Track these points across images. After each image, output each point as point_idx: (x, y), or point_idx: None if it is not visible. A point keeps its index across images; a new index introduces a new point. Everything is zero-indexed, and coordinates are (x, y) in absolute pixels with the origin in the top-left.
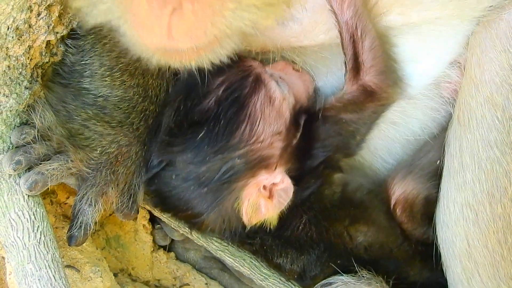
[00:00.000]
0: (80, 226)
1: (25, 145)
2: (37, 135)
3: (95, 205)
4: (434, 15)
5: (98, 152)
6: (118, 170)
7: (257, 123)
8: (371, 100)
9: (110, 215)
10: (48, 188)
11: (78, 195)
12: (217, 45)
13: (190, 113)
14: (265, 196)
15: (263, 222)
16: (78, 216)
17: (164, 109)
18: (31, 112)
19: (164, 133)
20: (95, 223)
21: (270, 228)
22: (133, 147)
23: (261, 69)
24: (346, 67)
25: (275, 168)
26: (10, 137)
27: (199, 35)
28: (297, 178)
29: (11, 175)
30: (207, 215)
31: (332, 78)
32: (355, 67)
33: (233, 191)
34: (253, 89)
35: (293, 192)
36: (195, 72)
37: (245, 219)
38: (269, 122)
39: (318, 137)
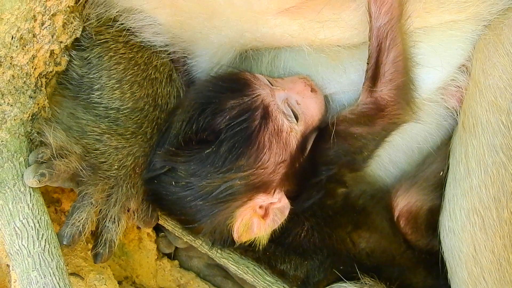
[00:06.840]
0: (105, 243)
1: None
2: (54, 153)
3: (118, 223)
4: (451, 18)
5: (115, 167)
6: (137, 183)
7: (263, 153)
8: (382, 116)
9: None
10: (52, 197)
11: (101, 214)
12: None
13: (201, 131)
14: (260, 215)
15: (253, 241)
16: (102, 234)
17: (176, 111)
18: (43, 134)
19: (170, 143)
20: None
21: (259, 246)
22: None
23: (270, 99)
24: (365, 75)
25: (274, 191)
26: (14, 147)
27: None
28: (297, 192)
29: (27, 185)
30: (198, 224)
31: (347, 83)
32: (374, 77)
33: (228, 209)
34: (261, 121)
35: (294, 203)
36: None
37: (235, 236)
38: (274, 153)
39: (326, 156)
